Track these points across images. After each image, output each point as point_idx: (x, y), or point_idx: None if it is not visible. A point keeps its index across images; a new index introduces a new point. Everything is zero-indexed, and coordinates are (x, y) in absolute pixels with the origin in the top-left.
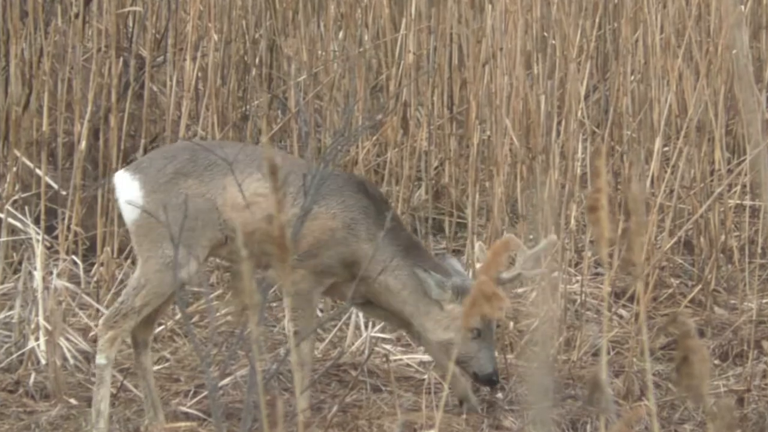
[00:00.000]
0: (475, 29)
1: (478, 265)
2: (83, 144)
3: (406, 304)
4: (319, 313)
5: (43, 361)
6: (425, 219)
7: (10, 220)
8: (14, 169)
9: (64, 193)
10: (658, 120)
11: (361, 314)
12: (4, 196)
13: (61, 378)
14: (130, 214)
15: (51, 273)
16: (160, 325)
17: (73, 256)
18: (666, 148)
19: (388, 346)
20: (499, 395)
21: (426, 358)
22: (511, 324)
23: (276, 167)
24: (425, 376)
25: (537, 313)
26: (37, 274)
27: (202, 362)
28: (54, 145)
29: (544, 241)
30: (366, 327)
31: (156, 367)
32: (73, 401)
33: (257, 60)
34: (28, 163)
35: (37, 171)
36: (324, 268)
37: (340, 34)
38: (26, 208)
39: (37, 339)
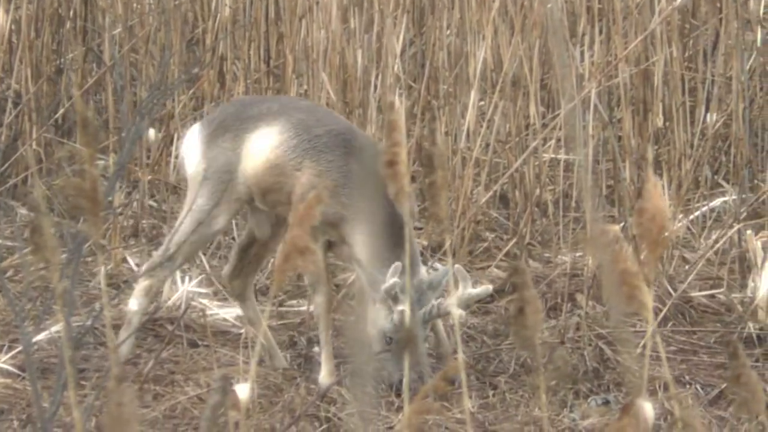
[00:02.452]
0: None
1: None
2: None
3: (365, 283)
4: (135, 267)
5: None
6: None
7: None
8: None
9: None
10: (473, 74)
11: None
12: None
13: None
14: (188, 167)
15: None
16: None
17: None
18: (482, 102)
19: (204, 301)
20: (316, 349)
21: (242, 312)
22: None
23: (88, 121)
24: (242, 331)
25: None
26: None
27: (16, 317)
28: None
29: (482, 287)
30: (183, 281)
31: None
32: None
33: (71, 12)
34: None
35: None
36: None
37: None
38: None
39: None
